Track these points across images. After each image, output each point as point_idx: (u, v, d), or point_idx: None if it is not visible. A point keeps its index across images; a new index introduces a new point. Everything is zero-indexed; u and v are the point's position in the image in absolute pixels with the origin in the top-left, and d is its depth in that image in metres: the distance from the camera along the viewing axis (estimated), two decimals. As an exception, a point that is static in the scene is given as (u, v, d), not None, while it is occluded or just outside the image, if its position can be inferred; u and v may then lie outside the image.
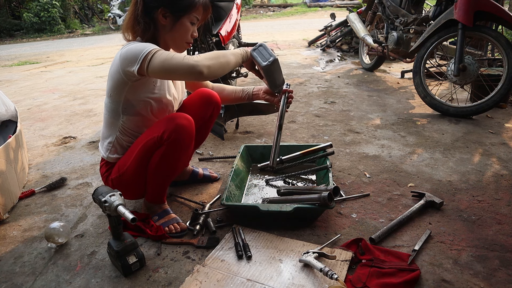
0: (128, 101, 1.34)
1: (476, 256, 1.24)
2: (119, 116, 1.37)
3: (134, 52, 1.21)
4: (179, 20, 1.31)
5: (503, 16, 2.33)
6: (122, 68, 1.24)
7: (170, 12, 1.29)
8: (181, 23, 1.31)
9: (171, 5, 1.28)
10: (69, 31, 13.59)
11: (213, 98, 1.58)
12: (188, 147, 1.39)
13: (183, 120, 1.32)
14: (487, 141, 2.17)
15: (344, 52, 5.35)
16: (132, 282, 1.21)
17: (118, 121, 1.39)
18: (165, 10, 1.28)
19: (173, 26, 1.31)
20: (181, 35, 1.34)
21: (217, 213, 1.54)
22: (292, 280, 1.15)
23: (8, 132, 2.16)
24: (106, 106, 1.39)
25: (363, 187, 1.72)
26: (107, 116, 1.41)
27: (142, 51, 1.20)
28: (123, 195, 1.42)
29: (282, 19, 12.21)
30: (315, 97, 3.23)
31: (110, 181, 1.43)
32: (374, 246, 1.28)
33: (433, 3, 3.04)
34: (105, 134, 1.44)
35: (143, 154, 1.35)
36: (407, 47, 3.23)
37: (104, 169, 1.48)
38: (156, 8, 1.28)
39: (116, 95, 1.33)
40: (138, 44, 1.24)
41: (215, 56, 1.26)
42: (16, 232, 1.54)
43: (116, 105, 1.35)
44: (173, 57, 1.19)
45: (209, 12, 1.38)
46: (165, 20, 1.30)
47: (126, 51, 1.24)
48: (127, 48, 1.24)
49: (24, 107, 3.60)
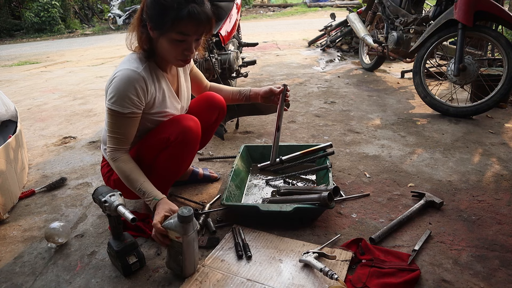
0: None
1: (476, 256, 1.24)
2: None
3: (113, 92, 1.23)
4: (162, 36, 1.21)
5: (503, 16, 2.32)
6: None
7: (153, 27, 1.21)
8: (164, 40, 1.22)
9: (154, 20, 1.20)
10: (69, 31, 13.60)
11: (219, 102, 1.58)
12: (194, 148, 1.40)
13: (190, 122, 1.33)
14: (487, 141, 2.17)
15: (344, 52, 5.35)
16: (132, 282, 1.21)
17: None
18: (150, 24, 1.21)
19: (161, 41, 1.23)
20: (168, 52, 1.25)
21: (217, 213, 1.54)
22: (292, 280, 1.15)
23: (8, 132, 2.16)
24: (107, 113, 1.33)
25: (363, 187, 1.72)
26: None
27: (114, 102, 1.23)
28: (124, 194, 1.43)
29: (282, 19, 12.21)
30: (315, 97, 3.23)
31: (112, 181, 1.42)
32: (374, 246, 1.28)
33: (433, 3, 3.04)
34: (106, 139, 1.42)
35: (148, 156, 1.35)
36: (407, 47, 3.23)
37: (106, 169, 1.47)
38: (146, 20, 1.23)
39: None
40: (123, 83, 1.22)
41: (124, 175, 1.27)
42: (16, 232, 1.54)
43: None
44: (113, 137, 1.28)
45: (205, 25, 1.22)
46: (153, 33, 1.23)
47: (116, 80, 1.23)
48: (119, 79, 1.23)
49: (24, 107, 3.60)
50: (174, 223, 1.11)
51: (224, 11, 2.76)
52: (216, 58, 2.45)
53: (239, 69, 2.77)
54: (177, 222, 1.10)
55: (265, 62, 4.94)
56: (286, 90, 1.56)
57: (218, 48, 2.58)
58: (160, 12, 1.18)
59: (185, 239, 1.10)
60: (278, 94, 1.56)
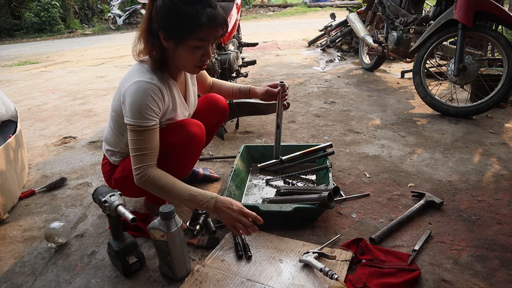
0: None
1: (476, 256, 1.24)
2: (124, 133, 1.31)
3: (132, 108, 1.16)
4: (181, 45, 1.17)
5: (503, 16, 2.32)
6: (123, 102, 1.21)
7: (169, 36, 1.16)
8: (182, 48, 1.17)
9: (169, 30, 1.15)
10: (69, 31, 13.60)
11: (221, 105, 1.59)
12: (197, 153, 1.40)
13: (195, 128, 1.32)
14: (487, 141, 2.17)
15: (344, 52, 5.35)
16: (132, 282, 1.21)
17: (124, 137, 1.34)
18: (164, 34, 1.16)
19: (175, 51, 1.19)
20: (185, 60, 1.21)
21: (217, 213, 1.54)
22: (292, 280, 1.15)
23: (8, 132, 2.16)
24: (112, 119, 1.34)
25: (363, 187, 1.72)
26: (114, 132, 1.36)
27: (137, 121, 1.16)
28: (124, 193, 1.41)
29: (282, 19, 12.21)
30: (315, 97, 3.23)
31: (113, 180, 1.41)
32: (374, 246, 1.28)
33: (433, 3, 3.04)
34: (110, 143, 1.40)
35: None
36: (407, 47, 3.23)
37: (107, 168, 1.46)
38: (157, 30, 1.17)
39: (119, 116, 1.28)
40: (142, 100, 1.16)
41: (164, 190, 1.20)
42: (16, 232, 1.54)
43: (122, 127, 1.31)
44: (139, 155, 1.18)
45: (223, 28, 1.17)
46: (167, 43, 1.18)
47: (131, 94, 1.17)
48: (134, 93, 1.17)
49: (24, 107, 3.60)
50: (156, 221, 1.11)
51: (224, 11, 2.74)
52: (216, 58, 2.45)
53: (239, 69, 2.77)
54: (159, 220, 1.10)
55: (265, 62, 4.94)
56: (284, 89, 1.55)
57: (218, 48, 2.58)
58: (176, 21, 1.12)
59: (170, 236, 1.10)
60: (276, 94, 1.56)
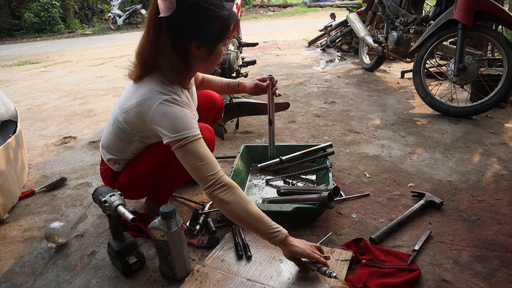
0: (146, 136, 1.28)
1: (476, 256, 1.24)
2: (132, 142, 1.30)
3: (173, 125, 1.10)
4: (214, 50, 1.18)
5: (503, 16, 2.32)
6: (151, 124, 1.15)
7: (205, 43, 1.15)
8: (216, 51, 1.19)
9: (205, 36, 1.14)
10: (69, 31, 13.60)
11: (217, 102, 1.61)
12: None
13: (206, 133, 1.31)
14: (487, 141, 2.17)
15: (344, 52, 5.35)
16: (132, 282, 1.21)
17: (131, 146, 1.32)
18: (198, 42, 1.14)
19: (208, 55, 1.19)
20: (215, 62, 1.23)
21: (217, 213, 1.54)
22: (292, 280, 1.15)
23: (8, 132, 2.16)
24: (117, 128, 1.28)
25: (363, 187, 1.72)
26: (117, 137, 1.30)
27: (183, 132, 1.10)
28: (126, 196, 1.40)
29: (282, 19, 12.21)
30: (315, 97, 3.23)
31: (118, 186, 1.38)
32: (374, 246, 1.28)
33: (433, 3, 3.04)
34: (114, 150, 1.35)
35: (161, 163, 1.31)
36: (407, 47, 3.23)
37: (109, 174, 1.42)
38: (189, 39, 1.13)
39: (134, 130, 1.25)
40: (177, 114, 1.12)
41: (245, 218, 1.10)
42: (16, 232, 1.54)
43: (131, 136, 1.28)
44: (204, 165, 1.09)
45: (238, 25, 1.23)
46: (199, 51, 1.16)
47: (163, 114, 1.11)
48: (165, 112, 1.11)
49: (24, 107, 3.60)
50: (157, 221, 1.11)
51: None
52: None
53: (239, 69, 2.77)
54: (160, 220, 1.10)
55: (265, 62, 4.94)
56: (273, 83, 1.52)
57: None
58: (215, 27, 1.12)
59: (170, 236, 1.10)
60: (265, 88, 1.53)
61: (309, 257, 1.12)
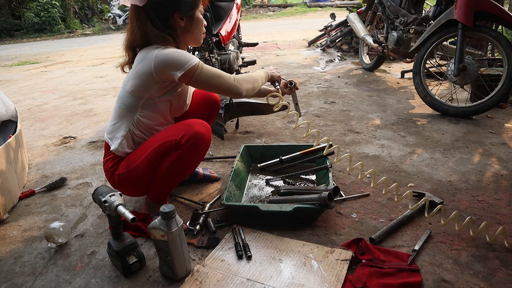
0: (151, 99, 1.37)
1: (476, 256, 1.24)
2: (136, 110, 1.38)
3: (178, 59, 1.27)
4: (192, 19, 1.36)
5: (503, 16, 2.32)
6: (158, 69, 1.27)
7: (185, 12, 1.33)
8: (194, 21, 1.37)
9: (184, 6, 1.32)
10: (69, 31, 13.59)
11: (212, 96, 1.67)
12: (202, 154, 1.41)
13: (202, 128, 1.34)
14: (487, 141, 2.17)
15: (344, 52, 5.35)
16: (132, 282, 1.21)
17: (135, 114, 1.38)
18: (179, 13, 1.32)
19: (190, 24, 1.36)
20: (199, 29, 1.40)
21: (217, 213, 1.54)
22: (292, 280, 1.15)
23: (8, 132, 2.16)
24: (123, 99, 1.38)
25: (363, 187, 1.72)
26: (122, 109, 1.39)
27: (189, 61, 1.27)
28: (125, 192, 1.43)
29: (282, 19, 12.21)
30: (315, 97, 3.23)
31: (116, 176, 1.40)
32: (374, 246, 1.28)
33: (433, 3, 3.04)
34: (117, 126, 1.41)
35: (157, 155, 1.35)
36: (407, 47, 3.23)
37: (110, 164, 1.44)
38: (171, 14, 1.31)
39: (140, 92, 1.34)
40: (177, 50, 1.29)
41: (252, 80, 1.44)
42: (16, 232, 1.54)
43: (136, 100, 1.36)
44: (221, 76, 1.34)
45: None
46: (182, 21, 1.34)
47: (166, 55, 1.27)
48: (167, 53, 1.27)
49: (24, 107, 3.60)
50: (157, 221, 1.11)
51: (224, 11, 2.76)
52: (216, 58, 2.45)
53: (239, 69, 2.77)
54: (160, 220, 1.10)
55: (265, 62, 4.94)
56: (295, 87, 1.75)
57: (218, 48, 2.58)
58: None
59: (170, 236, 1.10)
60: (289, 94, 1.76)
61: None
